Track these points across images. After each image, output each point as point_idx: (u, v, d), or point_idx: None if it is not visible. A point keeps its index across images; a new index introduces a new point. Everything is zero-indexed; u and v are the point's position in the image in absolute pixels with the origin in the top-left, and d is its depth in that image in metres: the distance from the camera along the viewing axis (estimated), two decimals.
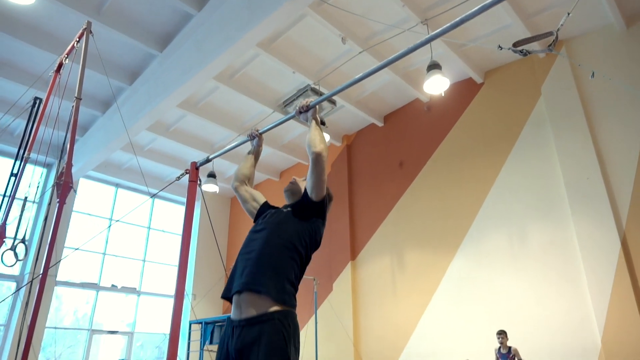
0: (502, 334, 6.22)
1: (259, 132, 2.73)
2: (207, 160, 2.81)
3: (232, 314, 2.11)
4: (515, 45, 2.45)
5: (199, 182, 2.68)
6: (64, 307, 10.43)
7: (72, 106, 3.92)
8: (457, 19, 2.15)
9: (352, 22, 7.02)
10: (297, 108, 2.44)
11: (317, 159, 2.19)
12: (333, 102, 8.84)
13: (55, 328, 9.55)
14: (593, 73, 2.13)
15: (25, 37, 7.13)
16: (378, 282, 8.83)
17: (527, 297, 6.74)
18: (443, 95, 6.74)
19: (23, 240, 4.08)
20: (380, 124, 9.78)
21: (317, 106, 2.43)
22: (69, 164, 3.31)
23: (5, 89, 8.39)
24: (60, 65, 5.39)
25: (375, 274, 8.94)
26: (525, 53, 2.39)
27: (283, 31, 7.24)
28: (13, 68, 8.01)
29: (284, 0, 5.34)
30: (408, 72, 8.28)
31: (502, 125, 7.82)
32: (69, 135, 3.71)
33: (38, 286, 3.67)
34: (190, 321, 10.21)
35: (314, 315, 8.85)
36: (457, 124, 8.49)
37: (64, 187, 3.10)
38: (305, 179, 2.33)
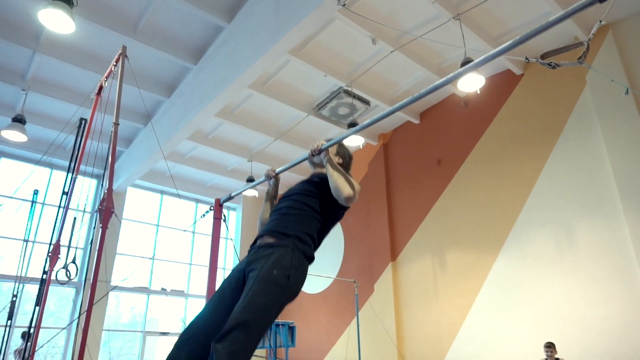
0: (550, 347, 5.88)
1: (276, 172, 2.77)
2: (230, 198, 2.89)
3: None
4: (542, 57, 2.34)
5: (223, 217, 2.76)
6: (122, 305, 11.15)
7: (111, 131, 4.11)
8: (518, 37, 1.93)
9: (381, 22, 6.92)
10: (309, 151, 2.45)
11: (350, 200, 2.27)
12: (367, 103, 8.76)
13: (109, 330, 10.12)
14: (627, 90, 1.99)
15: (70, 59, 7.54)
16: (419, 283, 8.71)
17: (576, 299, 6.43)
18: (479, 92, 6.52)
19: (74, 261, 4.38)
20: (416, 122, 9.61)
21: (328, 149, 2.44)
22: (110, 190, 3.48)
23: (56, 107, 8.92)
24: (100, 88, 5.66)
25: (416, 274, 8.83)
26: (553, 66, 2.27)
27: (312, 36, 7.24)
28: (61, 88, 8.50)
29: (310, 10, 5.34)
30: (442, 67, 8.07)
31: (544, 117, 7.47)
32: (109, 160, 3.91)
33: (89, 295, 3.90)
34: None
35: (355, 317, 8.86)
36: (497, 119, 8.19)
37: (105, 214, 3.28)
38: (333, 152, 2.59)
